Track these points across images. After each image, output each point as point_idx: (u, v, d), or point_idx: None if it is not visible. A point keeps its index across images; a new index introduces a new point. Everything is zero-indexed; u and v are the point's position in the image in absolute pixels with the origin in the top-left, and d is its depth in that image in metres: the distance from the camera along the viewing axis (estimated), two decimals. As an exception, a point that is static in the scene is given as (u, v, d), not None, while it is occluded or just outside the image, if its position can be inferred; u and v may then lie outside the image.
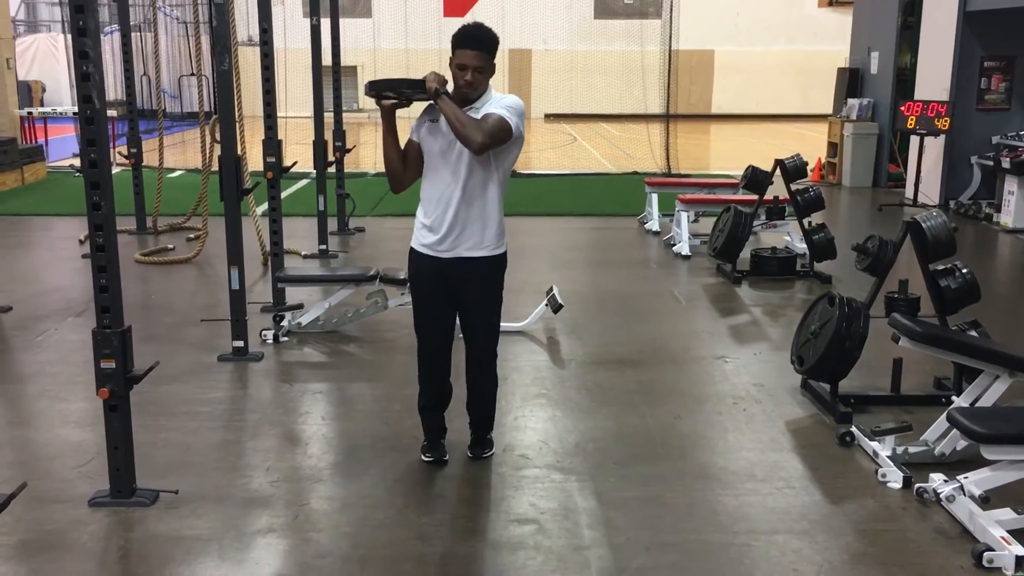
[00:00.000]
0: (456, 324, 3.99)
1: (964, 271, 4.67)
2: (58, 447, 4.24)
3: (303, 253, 8.37)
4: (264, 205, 7.37)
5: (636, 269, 8.15)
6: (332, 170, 8.88)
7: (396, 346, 5.62)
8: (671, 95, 15.04)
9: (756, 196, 8.06)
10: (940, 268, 4.71)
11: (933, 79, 11.40)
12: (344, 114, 9.31)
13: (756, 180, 8.08)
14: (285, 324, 5.81)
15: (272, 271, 6.47)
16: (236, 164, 5.39)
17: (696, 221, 9.07)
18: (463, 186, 3.71)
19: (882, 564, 3.28)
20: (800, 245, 7.83)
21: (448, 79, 3.70)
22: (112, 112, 12.72)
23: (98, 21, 3.37)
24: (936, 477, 3.68)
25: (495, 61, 3.73)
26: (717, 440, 4.37)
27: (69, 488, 3.77)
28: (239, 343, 5.41)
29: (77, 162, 12.48)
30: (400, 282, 5.75)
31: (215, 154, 6.71)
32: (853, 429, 4.27)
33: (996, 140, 10.82)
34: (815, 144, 15.55)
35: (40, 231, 9.68)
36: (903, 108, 11.25)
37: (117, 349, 3.48)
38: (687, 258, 8.24)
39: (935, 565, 3.28)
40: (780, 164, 7.70)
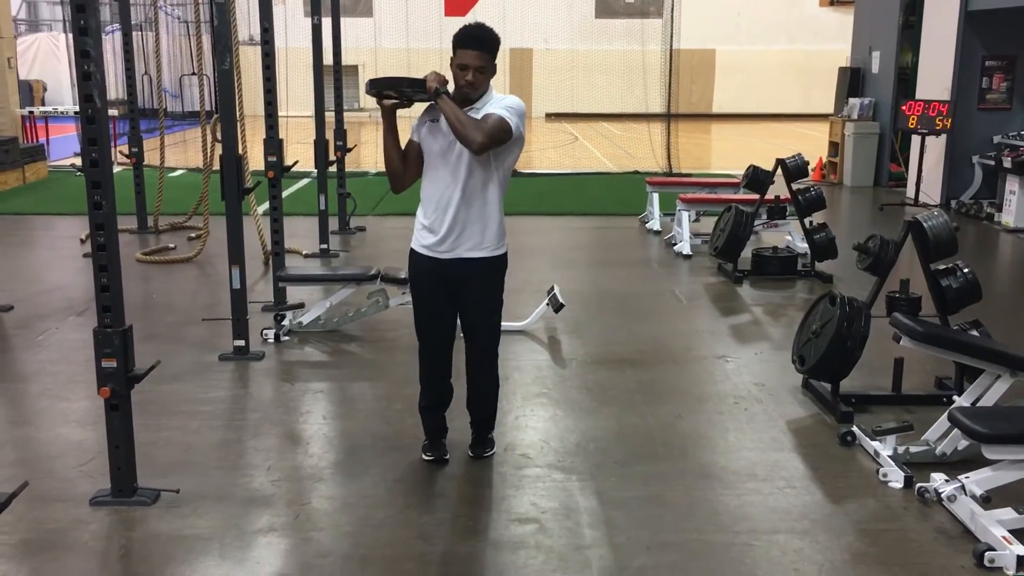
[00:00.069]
0: (457, 324, 3.99)
1: (965, 271, 4.66)
2: (59, 446, 4.24)
3: (304, 252, 8.37)
4: (265, 204, 7.37)
5: (637, 269, 8.15)
6: (333, 169, 8.89)
7: (397, 345, 5.62)
8: (672, 94, 15.04)
9: (757, 195, 8.06)
10: (941, 268, 4.71)
11: (934, 78, 11.39)
12: (345, 113, 9.33)
13: (757, 179, 8.08)
14: (286, 323, 5.81)
15: (273, 270, 6.48)
16: (237, 163, 5.39)
17: (697, 220, 9.08)
18: (463, 187, 3.71)
19: (883, 564, 3.28)
20: (801, 245, 7.83)
21: (449, 79, 3.70)
22: (113, 111, 12.71)
23: (99, 20, 3.36)
24: (937, 477, 3.67)
25: (496, 61, 3.73)
26: (718, 440, 4.37)
27: (70, 487, 3.78)
28: (240, 342, 5.41)
29: (78, 161, 12.49)
30: (401, 281, 5.75)
31: (216, 153, 6.72)
32: (854, 429, 4.27)
33: (997, 140, 10.81)
34: (816, 144, 15.55)
35: (41, 230, 9.68)
36: (904, 107, 11.23)
37: (118, 348, 3.48)
38: (688, 257, 8.24)
39: (936, 565, 3.28)
40: (781, 163, 7.70)
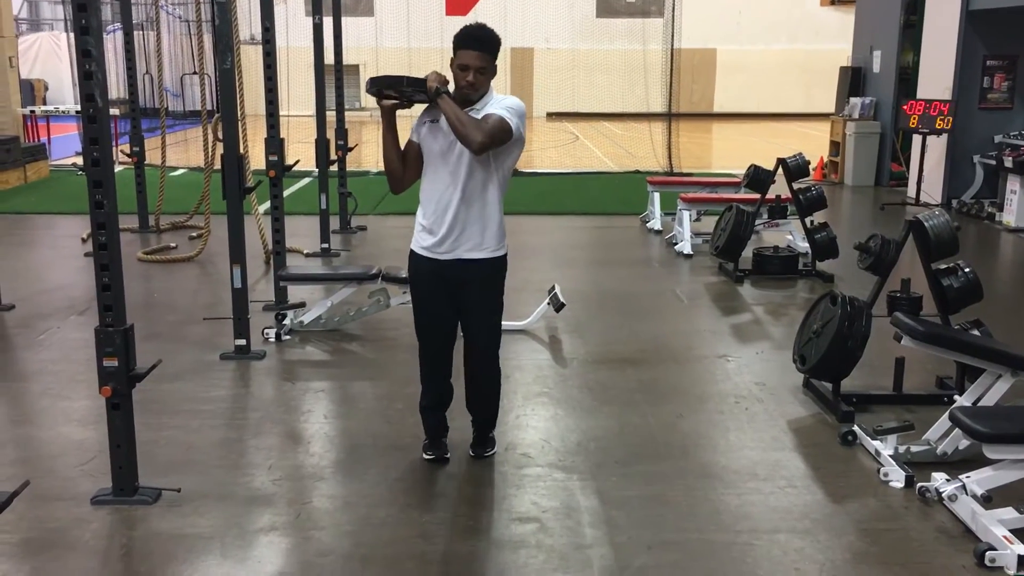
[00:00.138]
0: (458, 324, 3.98)
1: (966, 270, 4.66)
2: (61, 445, 4.24)
3: (305, 252, 8.37)
4: (266, 203, 7.37)
5: (638, 268, 8.15)
6: (334, 169, 8.89)
7: (398, 345, 5.62)
8: (673, 94, 15.03)
9: (758, 195, 8.06)
10: (942, 267, 4.71)
11: (935, 78, 11.38)
12: (346, 113, 9.34)
13: (758, 179, 8.08)
14: (287, 322, 5.81)
15: (274, 269, 6.48)
16: (238, 163, 5.39)
17: (698, 220, 9.08)
18: (463, 187, 3.69)
19: (884, 563, 3.28)
20: (802, 244, 7.83)
21: (449, 79, 3.69)
22: (115, 110, 12.72)
23: (100, 19, 3.37)
24: (938, 476, 3.67)
25: (496, 62, 3.72)
26: (719, 439, 4.37)
27: (71, 486, 3.78)
28: (241, 341, 5.41)
29: (80, 160, 12.50)
30: (402, 280, 5.74)
31: (217, 152, 6.73)
32: (855, 428, 4.27)
33: (999, 139, 10.81)
34: (817, 143, 15.54)
35: (43, 229, 9.68)
36: (905, 107, 11.23)
37: (119, 347, 3.48)
38: (689, 257, 8.24)
39: (937, 564, 3.28)
40: (782, 163, 7.69)
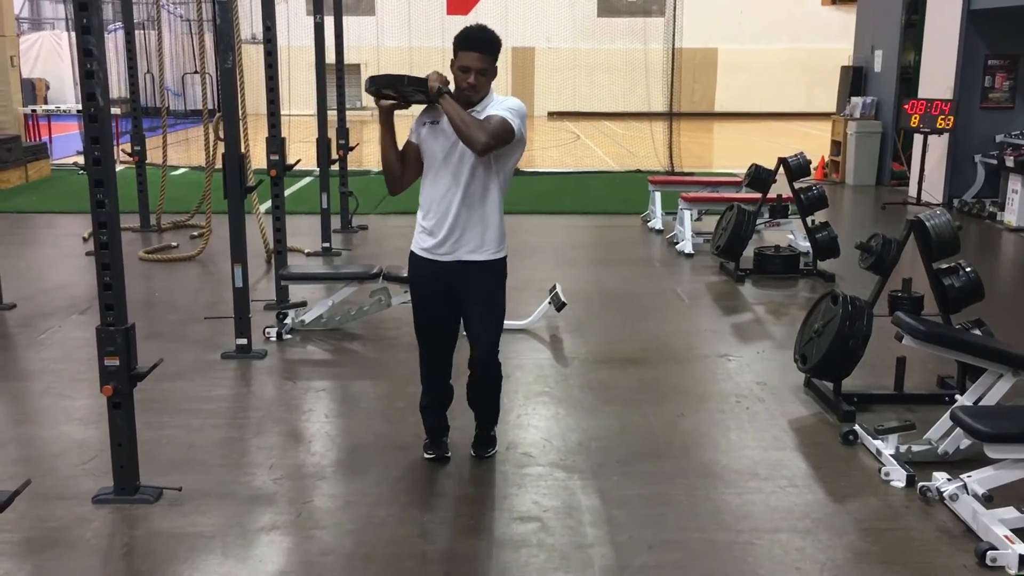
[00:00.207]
0: (459, 325, 3.97)
1: (968, 270, 4.66)
2: (62, 444, 4.25)
3: (306, 251, 8.37)
4: (267, 203, 7.37)
5: (639, 267, 8.14)
6: (335, 168, 8.89)
7: (399, 344, 5.62)
8: (674, 93, 15.03)
9: (759, 194, 8.06)
10: (944, 267, 4.71)
11: (937, 77, 11.38)
12: (347, 112, 9.34)
13: (759, 178, 8.07)
14: (288, 322, 5.81)
15: (275, 269, 6.49)
16: (240, 162, 5.39)
17: (699, 219, 9.07)
18: (464, 189, 3.68)
19: (885, 563, 3.28)
20: (803, 243, 7.83)
21: (450, 80, 3.67)
22: (116, 110, 12.72)
23: (102, 19, 3.37)
24: (939, 476, 3.67)
25: (497, 63, 3.70)
26: (720, 438, 4.37)
27: (73, 485, 3.78)
28: (242, 341, 5.42)
29: (81, 159, 12.50)
30: (403, 280, 5.74)
31: (219, 152, 6.73)
32: (856, 428, 4.27)
33: (1000, 139, 10.80)
34: (818, 142, 15.54)
35: (44, 228, 9.69)
36: (907, 106, 11.22)
37: (121, 346, 3.49)
38: (690, 256, 8.24)
39: (938, 564, 3.28)
40: (783, 162, 7.69)
